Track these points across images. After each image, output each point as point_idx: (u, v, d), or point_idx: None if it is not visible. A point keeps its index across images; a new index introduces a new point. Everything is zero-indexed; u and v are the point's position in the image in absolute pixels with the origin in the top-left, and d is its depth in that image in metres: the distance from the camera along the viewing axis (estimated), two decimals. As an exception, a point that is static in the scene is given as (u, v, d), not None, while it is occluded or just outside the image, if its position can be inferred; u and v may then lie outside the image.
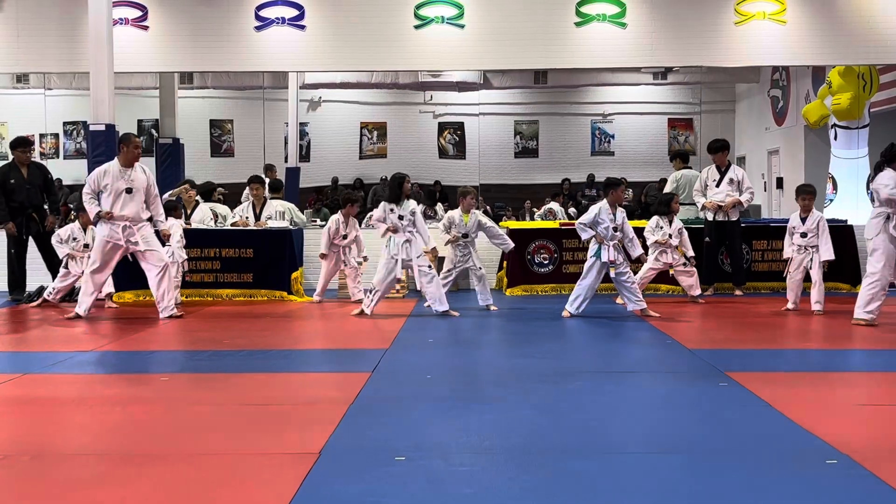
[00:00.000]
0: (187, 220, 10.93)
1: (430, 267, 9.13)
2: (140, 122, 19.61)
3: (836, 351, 7.29)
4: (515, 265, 11.24)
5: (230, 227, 11.06)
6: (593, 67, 14.90)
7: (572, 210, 18.07)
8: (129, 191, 8.91)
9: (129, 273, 9.93)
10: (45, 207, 10.75)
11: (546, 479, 3.69)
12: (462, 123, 21.21)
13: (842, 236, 10.99)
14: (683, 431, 4.52)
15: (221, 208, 11.72)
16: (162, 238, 9.28)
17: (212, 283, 10.75)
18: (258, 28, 12.03)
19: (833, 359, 6.88)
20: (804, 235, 9.32)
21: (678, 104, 21.07)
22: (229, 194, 13.72)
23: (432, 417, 4.76)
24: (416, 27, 11.98)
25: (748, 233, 11.20)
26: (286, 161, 16.98)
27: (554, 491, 3.55)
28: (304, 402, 5.26)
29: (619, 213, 8.94)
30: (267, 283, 10.68)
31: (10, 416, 4.93)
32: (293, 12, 12.01)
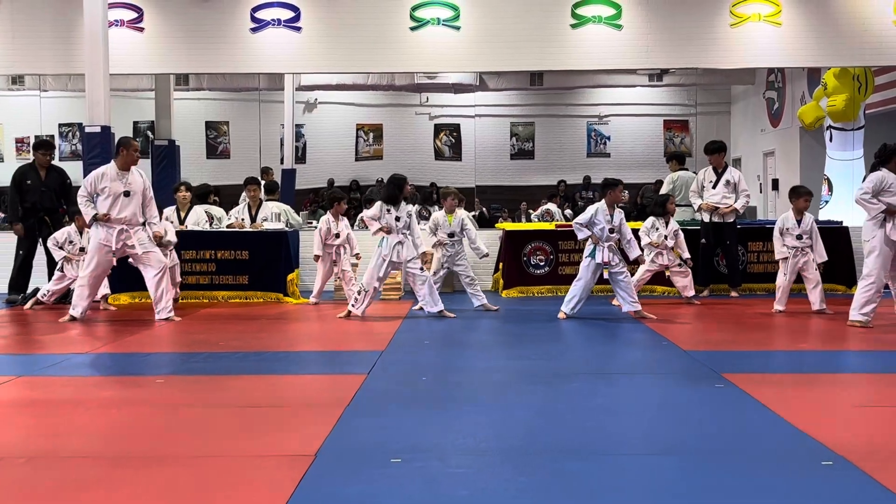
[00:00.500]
0: (182, 222, 10.92)
1: (421, 269, 9.13)
2: (136, 123, 19.57)
3: (831, 352, 7.30)
4: (512, 267, 11.24)
5: (226, 229, 11.05)
6: (589, 69, 14.87)
7: (569, 212, 18.08)
8: (126, 194, 8.89)
9: (124, 275, 9.93)
10: (62, 210, 10.73)
11: (542, 480, 3.69)
12: (458, 125, 21.19)
13: (837, 238, 11.03)
14: (679, 432, 4.52)
15: (216, 210, 11.71)
16: (154, 240, 9.23)
17: (207, 285, 10.74)
18: (254, 30, 12.02)
19: (828, 360, 6.89)
20: (799, 237, 9.33)
21: (674, 106, 21.08)
22: (226, 196, 13.69)
23: (428, 419, 4.76)
24: (412, 29, 11.98)
25: (744, 234, 11.22)
26: (282, 163, 16.95)
27: (550, 492, 3.55)
28: (300, 404, 5.26)
29: (616, 213, 8.94)
30: (263, 285, 10.68)
31: (6, 419, 4.93)
32: (289, 14, 12.01)
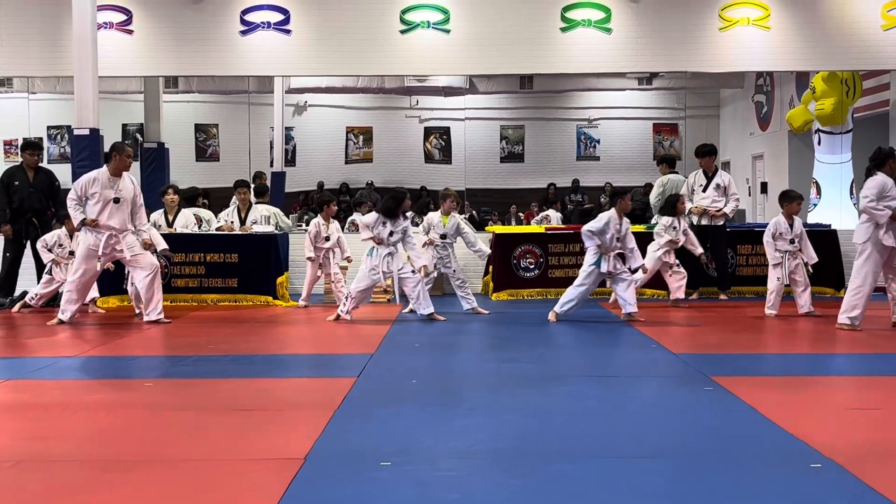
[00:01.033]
0: (170, 225, 10.89)
1: (413, 272, 9.09)
2: (125, 126, 19.51)
3: (820, 355, 7.32)
4: (501, 270, 11.25)
5: (215, 232, 11.02)
6: (579, 72, 14.89)
7: (559, 215, 18.07)
8: (116, 200, 8.82)
9: (113, 278, 9.90)
10: (50, 213, 10.68)
11: (532, 483, 3.69)
12: (448, 128, 21.20)
13: (826, 241, 11.07)
14: (669, 435, 4.53)
15: (205, 213, 11.68)
16: (144, 247, 9.17)
17: (196, 289, 10.70)
18: (243, 32, 12.00)
19: (817, 363, 6.91)
20: (792, 241, 9.35)
21: (663, 109, 21.13)
22: (215, 199, 13.66)
23: (418, 422, 4.76)
24: (402, 32, 11.98)
25: (733, 237, 11.25)
26: (271, 165, 16.91)
27: (540, 495, 3.55)
28: (290, 407, 5.25)
29: (624, 222, 8.95)
30: (252, 288, 10.65)
31: (-7, 423, 4.90)
32: (278, 16, 11.99)
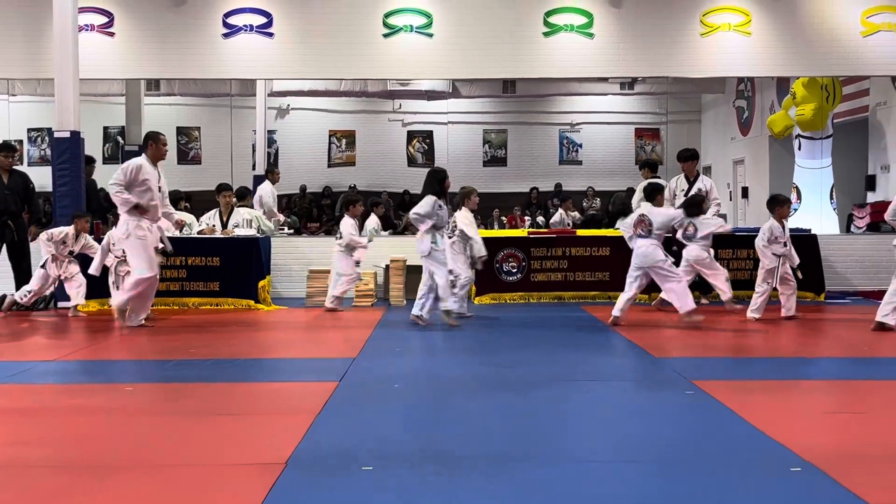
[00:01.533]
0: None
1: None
2: (106, 129, 19.43)
3: (801, 359, 7.36)
4: (484, 274, 11.24)
5: (197, 236, 10.97)
6: (561, 77, 14.97)
7: (540, 219, 18.13)
8: (159, 188, 8.86)
9: (94, 282, 9.83)
10: (25, 216, 10.61)
11: (514, 487, 3.69)
12: (431, 132, 21.23)
13: (806, 246, 11.12)
14: (649, 440, 4.54)
15: (187, 216, 11.62)
16: (177, 227, 9.42)
17: (178, 292, 10.65)
18: (226, 35, 11.97)
19: (799, 367, 6.94)
20: (784, 244, 9.41)
21: (645, 114, 21.25)
22: (197, 202, 13.61)
23: (400, 426, 4.75)
24: (385, 36, 11.99)
25: (714, 241, 11.27)
26: (254, 169, 16.87)
27: (522, 499, 3.55)
28: (271, 411, 5.23)
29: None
30: (234, 292, 10.61)
31: (-29, 427, 4.85)
32: (261, 20, 11.97)
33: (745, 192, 18.20)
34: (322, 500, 3.54)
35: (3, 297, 10.10)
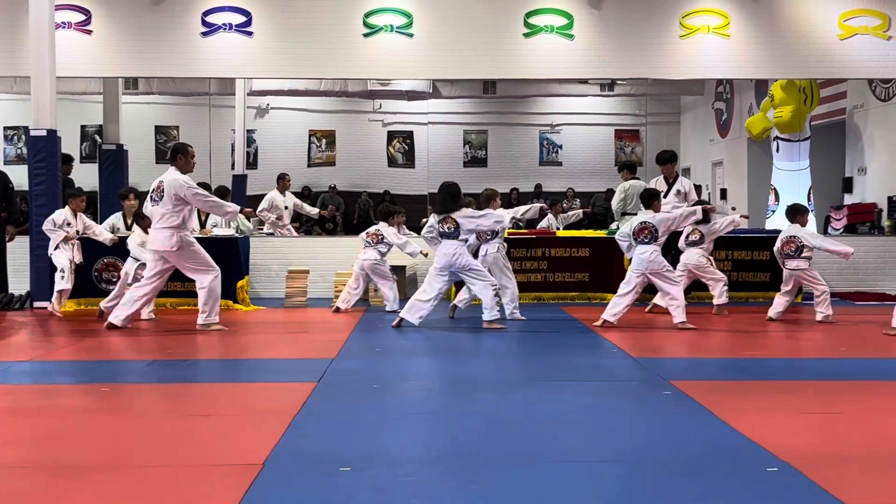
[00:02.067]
0: (129, 228, 10.75)
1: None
2: (83, 127, 19.26)
3: (779, 360, 7.39)
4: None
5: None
6: (541, 78, 14.97)
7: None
8: None
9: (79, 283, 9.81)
10: (4, 215, 10.51)
11: (492, 488, 3.69)
12: (411, 132, 21.19)
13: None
14: (627, 440, 4.55)
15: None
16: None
17: (155, 292, 10.56)
18: (205, 34, 11.91)
19: (776, 367, 6.97)
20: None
21: (625, 115, 21.30)
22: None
23: (378, 427, 4.74)
24: (365, 35, 11.96)
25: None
26: (233, 168, 16.76)
27: (499, 500, 3.55)
28: (248, 412, 5.20)
29: None
30: (212, 292, 10.52)
31: (-57, 428, 4.80)
32: (240, 18, 11.92)
33: (723, 194, 18.28)
34: (299, 501, 3.52)
35: (12, 297, 10.05)
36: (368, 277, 10.24)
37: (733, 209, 10.21)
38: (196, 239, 10.61)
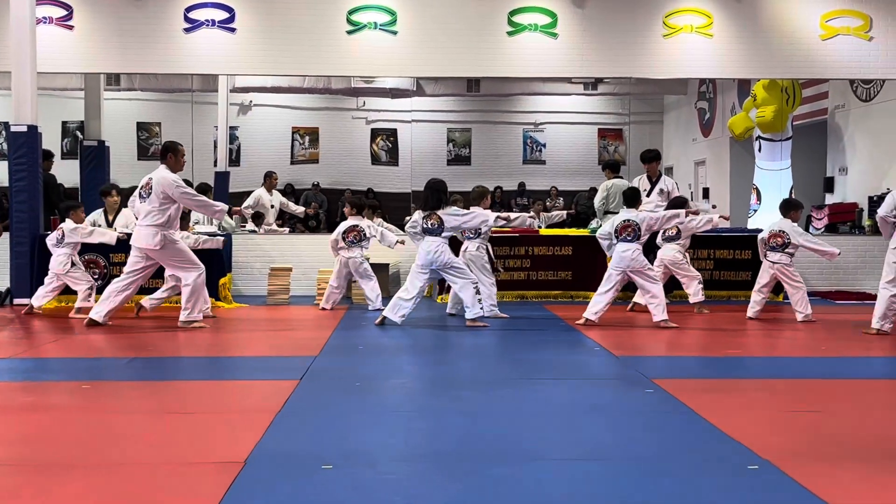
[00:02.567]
0: (110, 225, 10.70)
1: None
2: (64, 123, 19.15)
3: (761, 358, 7.44)
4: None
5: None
6: (525, 77, 14.99)
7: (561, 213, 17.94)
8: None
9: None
10: None
11: (473, 485, 3.68)
12: (395, 130, 21.17)
13: (765, 246, 11.24)
14: (608, 438, 4.56)
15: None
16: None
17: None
18: (187, 30, 11.84)
19: (758, 366, 7.01)
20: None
21: (608, 114, 21.35)
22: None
23: (360, 425, 4.73)
24: (349, 32, 11.93)
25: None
26: (215, 165, 16.69)
27: (481, 498, 3.55)
28: (230, 410, 5.18)
29: None
30: (194, 289, 10.47)
31: (-79, 426, 4.75)
32: (223, 15, 11.85)
33: (706, 193, 18.36)
34: (281, 499, 3.51)
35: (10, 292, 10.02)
36: (350, 275, 10.23)
37: (714, 207, 10.25)
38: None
